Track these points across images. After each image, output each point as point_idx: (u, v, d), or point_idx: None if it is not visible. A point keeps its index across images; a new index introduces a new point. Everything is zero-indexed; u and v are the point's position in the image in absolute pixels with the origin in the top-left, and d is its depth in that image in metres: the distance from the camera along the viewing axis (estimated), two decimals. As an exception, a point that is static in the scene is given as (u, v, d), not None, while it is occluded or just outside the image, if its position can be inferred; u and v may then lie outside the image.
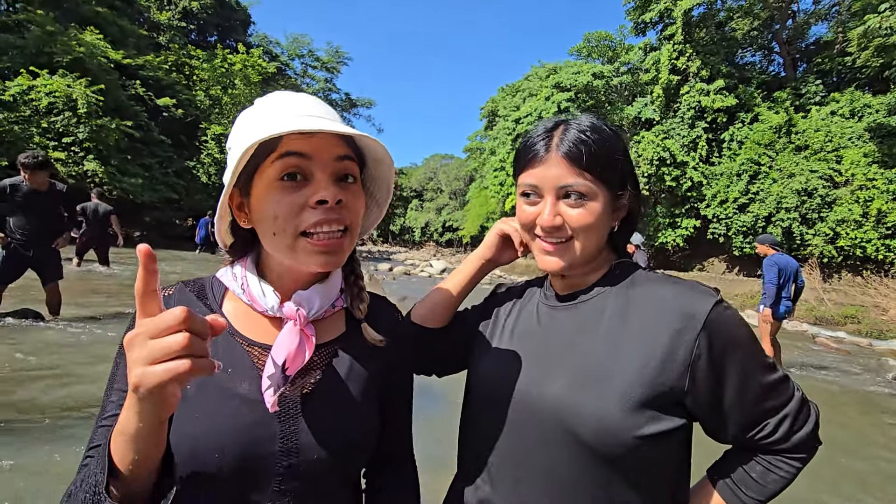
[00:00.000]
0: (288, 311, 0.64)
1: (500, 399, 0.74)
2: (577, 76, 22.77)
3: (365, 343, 0.71)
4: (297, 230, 0.61)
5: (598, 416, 0.63)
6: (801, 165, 15.87)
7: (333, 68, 33.22)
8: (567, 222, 0.71)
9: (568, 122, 0.74)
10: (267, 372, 0.61)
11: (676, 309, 0.66)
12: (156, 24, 23.03)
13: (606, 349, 0.68)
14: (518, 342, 0.78)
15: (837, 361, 7.08)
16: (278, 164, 0.60)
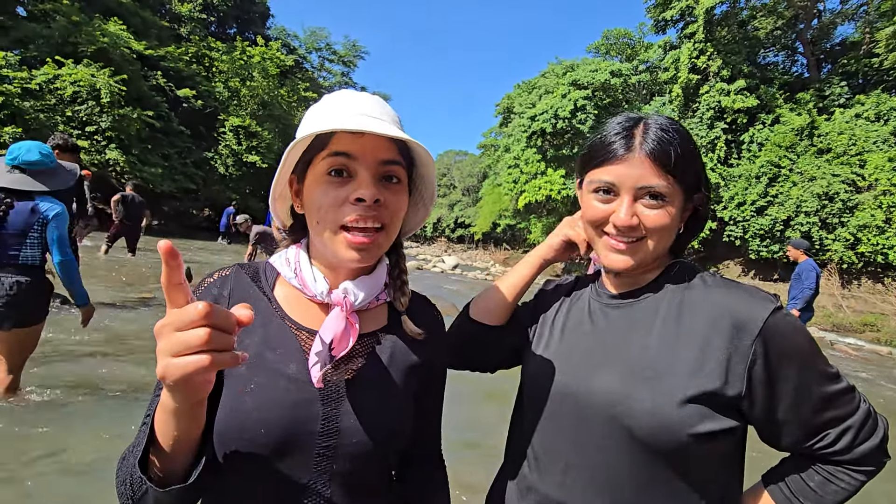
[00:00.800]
0: (335, 298, 0.67)
1: (551, 393, 0.75)
2: (595, 74, 22.54)
3: (405, 336, 0.74)
4: (337, 223, 0.64)
5: (651, 411, 0.63)
6: (822, 169, 15.57)
7: (350, 62, 33.30)
8: (643, 222, 0.70)
9: (647, 121, 0.73)
10: (315, 349, 0.64)
11: (733, 314, 0.66)
12: (177, 16, 23.29)
13: (660, 347, 0.68)
14: (570, 339, 0.79)
15: (859, 370, 6.98)
16: (328, 160, 0.64)
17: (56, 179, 2.68)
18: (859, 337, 10.87)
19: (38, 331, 2.68)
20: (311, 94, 27.08)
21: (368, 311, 0.73)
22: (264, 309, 0.69)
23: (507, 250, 36.02)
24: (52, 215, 2.57)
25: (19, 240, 2.52)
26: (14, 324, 2.52)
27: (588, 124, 22.40)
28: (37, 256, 2.59)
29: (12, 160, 2.55)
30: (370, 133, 0.63)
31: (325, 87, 32.45)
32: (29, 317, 2.58)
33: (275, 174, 0.68)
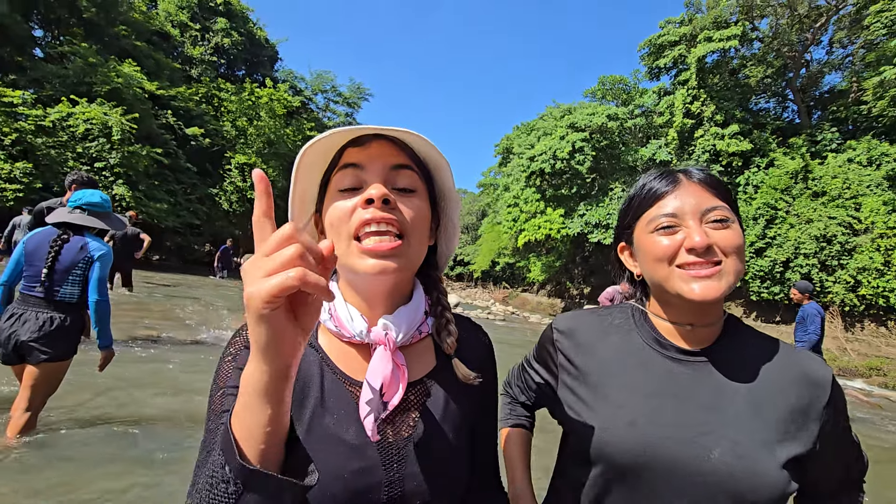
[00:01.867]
0: (376, 336, 0.63)
1: (646, 457, 0.69)
2: (592, 117, 23.22)
3: (456, 378, 0.68)
4: (350, 234, 0.61)
5: (766, 481, 0.65)
6: (818, 211, 15.81)
7: (355, 103, 34.33)
8: (716, 244, 0.68)
9: (681, 168, 0.76)
10: (364, 398, 0.58)
11: (804, 376, 0.70)
12: (189, 58, 24.19)
13: (752, 413, 0.69)
14: (652, 400, 0.73)
15: (868, 415, 6.85)
16: (338, 177, 0.64)
17: (112, 222, 2.83)
18: (866, 381, 10.71)
19: (65, 367, 2.71)
20: (316, 133, 27.81)
21: (413, 349, 0.68)
22: (315, 363, 0.64)
23: (506, 289, 35.94)
24: (98, 255, 2.66)
25: (64, 276, 2.60)
26: (45, 358, 2.55)
27: (586, 165, 22.89)
28: (75, 294, 2.66)
29: (75, 202, 2.72)
30: (375, 133, 0.63)
31: (329, 126, 33.32)
32: (60, 353, 2.62)
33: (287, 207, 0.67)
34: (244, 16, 26.96)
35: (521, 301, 29.03)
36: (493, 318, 17.16)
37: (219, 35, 25.63)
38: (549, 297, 28.52)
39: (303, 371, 0.62)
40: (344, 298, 0.67)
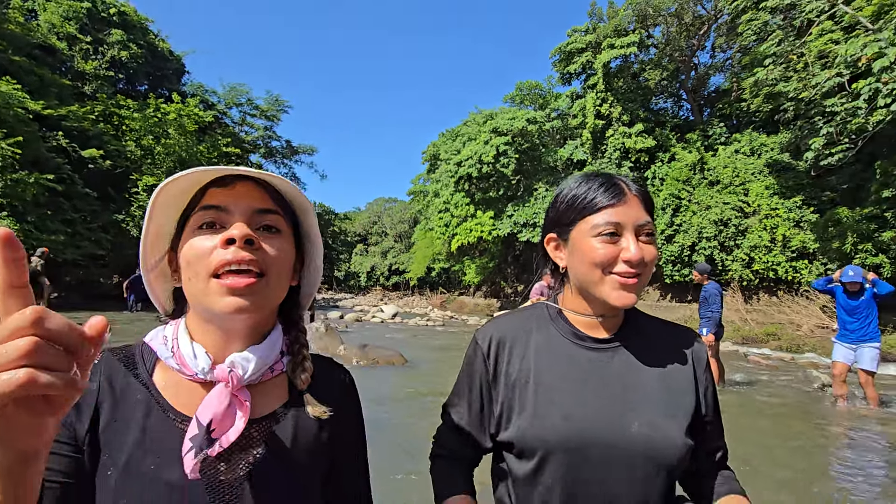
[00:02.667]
0: (219, 373, 0.59)
1: (574, 445, 0.77)
2: (513, 121, 24.17)
3: (308, 414, 0.66)
4: (209, 272, 0.58)
5: (675, 444, 0.77)
6: (715, 198, 17.57)
7: (273, 116, 33.02)
8: (644, 257, 0.77)
9: (619, 177, 0.84)
10: (189, 433, 0.55)
11: (690, 352, 0.85)
12: (80, 74, 22.03)
13: (659, 388, 0.81)
14: (574, 387, 0.81)
15: (770, 376, 7.72)
16: (198, 216, 0.62)
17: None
18: (765, 346, 12.05)
19: None
20: (234, 149, 26.37)
21: (263, 386, 0.65)
22: (142, 400, 0.59)
23: (443, 293, 36.24)
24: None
25: None
26: None
27: (510, 168, 23.75)
28: None
29: None
30: (241, 174, 0.61)
31: (247, 142, 31.75)
32: None
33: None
34: (143, 27, 25.07)
35: (459, 304, 29.41)
36: (433, 325, 17.23)
37: (114, 48, 23.58)
38: (485, 298, 29.15)
39: (123, 413, 0.58)
40: (192, 336, 0.62)
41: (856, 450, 4.19)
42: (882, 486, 3.42)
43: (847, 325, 5.36)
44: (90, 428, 0.56)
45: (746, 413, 5.40)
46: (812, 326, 13.39)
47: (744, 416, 5.31)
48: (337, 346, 8.14)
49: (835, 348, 5.63)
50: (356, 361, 7.45)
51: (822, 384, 6.45)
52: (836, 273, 5.53)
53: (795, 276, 15.21)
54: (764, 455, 4.04)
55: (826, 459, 3.98)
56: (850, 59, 10.56)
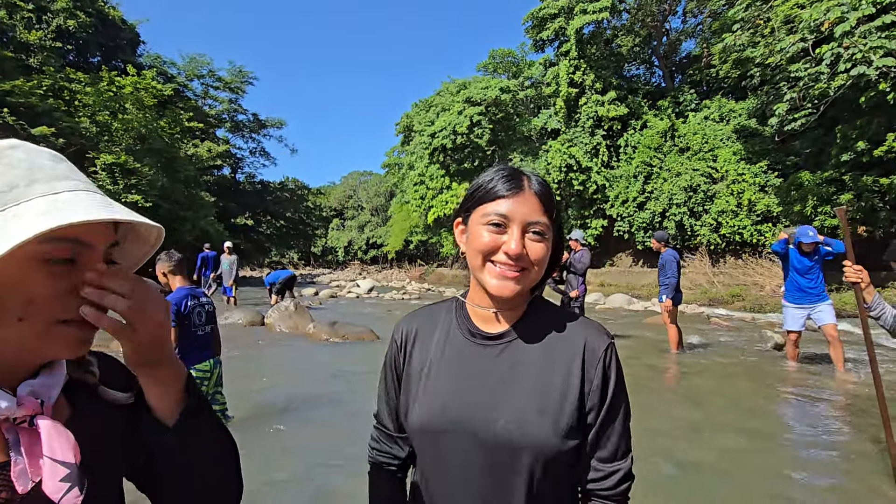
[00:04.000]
0: (30, 404, 0.52)
1: (451, 434, 0.80)
2: (486, 90, 23.79)
3: (100, 410, 0.61)
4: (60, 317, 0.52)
5: (534, 443, 0.76)
6: (685, 165, 17.81)
7: (238, 88, 31.67)
8: (529, 253, 0.79)
9: (527, 172, 0.84)
10: (55, 477, 0.49)
11: (583, 346, 0.82)
12: (24, 45, 20.59)
13: (540, 381, 0.80)
14: (458, 380, 0.84)
15: (728, 338, 8.03)
16: (40, 247, 0.51)
17: None
18: (729, 308, 12.50)
19: None
20: (197, 123, 25.33)
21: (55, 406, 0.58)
22: None
23: (421, 266, 36.30)
24: None
25: None
26: None
27: (485, 138, 23.52)
28: None
29: None
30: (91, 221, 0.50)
31: (211, 115, 30.52)
32: None
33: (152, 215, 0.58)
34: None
35: (437, 276, 29.55)
36: (409, 298, 17.30)
37: (60, 16, 22.05)
38: (464, 269, 29.20)
39: None
40: None
41: (800, 410, 4.41)
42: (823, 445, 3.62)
43: (802, 286, 5.48)
44: None
45: (700, 374, 5.63)
46: (774, 287, 13.91)
47: (697, 376, 5.54)
48: (306, 324, 8.10)
49: (786, 314, 5.71)
50: (326, 338, 7.44)
51: (776, 344, 6.74)
52: (783, 233, 5.64)
53: (760, 239, 15.70)
54: (711, 417, 4.23)
55: (772, 420, 4.19)
56: (814, 23, 10.63)
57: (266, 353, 6.78)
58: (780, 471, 3.05)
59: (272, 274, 12.40)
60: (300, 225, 37.84)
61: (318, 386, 5.01)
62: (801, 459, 3.27)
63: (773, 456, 3.31)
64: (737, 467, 3.11)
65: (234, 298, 11.48)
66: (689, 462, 3.17)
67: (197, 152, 25.45)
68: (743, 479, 2.94)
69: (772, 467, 3.10)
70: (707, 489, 2.83)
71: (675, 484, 2.90)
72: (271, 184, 35.63)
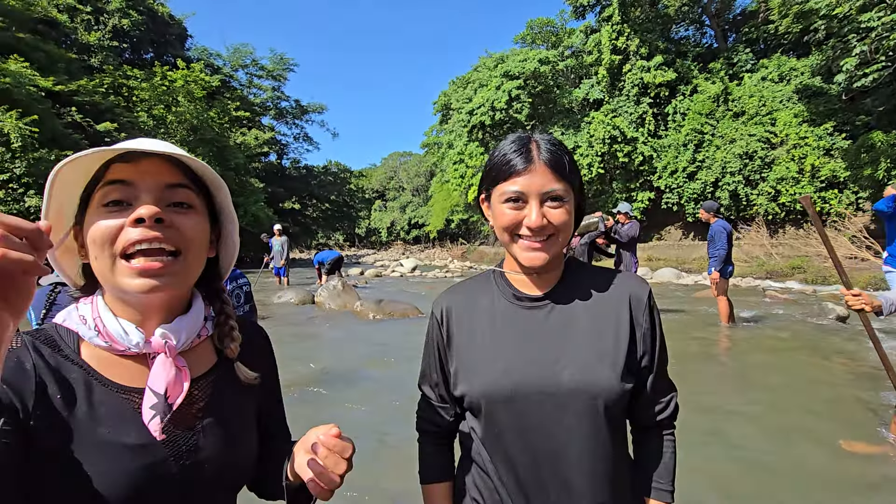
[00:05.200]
0: (156, 345, 0.62)
1: (519, 397, 0.84)
2: (524, 63, 23.16)
3: (236, 374, 0.72)
4: (116, 252, 0.59)
5: (610, 386, 0.83)
6: (740, 131, 16.77)
7: (280, 76, 32.47)
8: (551, 221, 0.83)
9: (536, 139, 0.87)
10: (148, 403, 0.60)
11: (628, 296, 0.89)
12: (85, 46, 21.94)
13: (591, 335, 0.86)
14: (514, 344, 0.88)
15: (785, 311, 7.66)
16: (102, 192, 0.61)
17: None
18: (790, 280, 11.84)
19: None
20: (244, 112, 26.23)
21: (193, 351, 0.69)
22: (79, 378, 0.61)
23: (463, 244, 36.41)
24: None
25: None
26: None
27: (524, 113, 23.01)
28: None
29: None
30: (144, 151, 0.60)
31: (256, 104, 31.50)
32: None
33: None
34: (140, -9, 24.53)
35: (479, 254, 29.57)
36: (452, 276, 17.49)
37: (115, 16, 23.26)
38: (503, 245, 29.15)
39: (62, 390, 0.60)
40: (114, 313, 0.64)
41: (858, 384, 4.21)
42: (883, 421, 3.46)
43: None
44: (35, 404, 0.57)
45: (751, 347, 5.44)
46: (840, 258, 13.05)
47: (748, 349, 5.35)
48: (354, 302, 8.42)
49: (891, 280, 4.85)
50: (372, 316, 7.72)
51: (838, 316, 6.37)
52: (891, 189, 4.79)
53: (824, 206, 14.65)
54: (760, 390, 4.11)
55: (824, 395, 4.02)
56: (890, -36, 9.61)
57: (316, 330, 7.14)
58: (831, 444, 2.97)
59: (320, 254, 12.87)
60: (344, 207, 38.79)
61: (364, 360, 5.25)
62: (854, 435, 3.15)
63: (822, 433, 3.21)
64: (785, 444, 3.04)
65: (286, 279, 12.04)
66: (738, 436, 3.14)
67: (245, 140, 26.45)
68: (793, 456, 2.89)
69: (822, 442, 3.02)
70: (755, 465, 2.80)
71: (722, 460, 2.89)
72: (315, 168, 36.58)
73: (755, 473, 2.65)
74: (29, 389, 0.57)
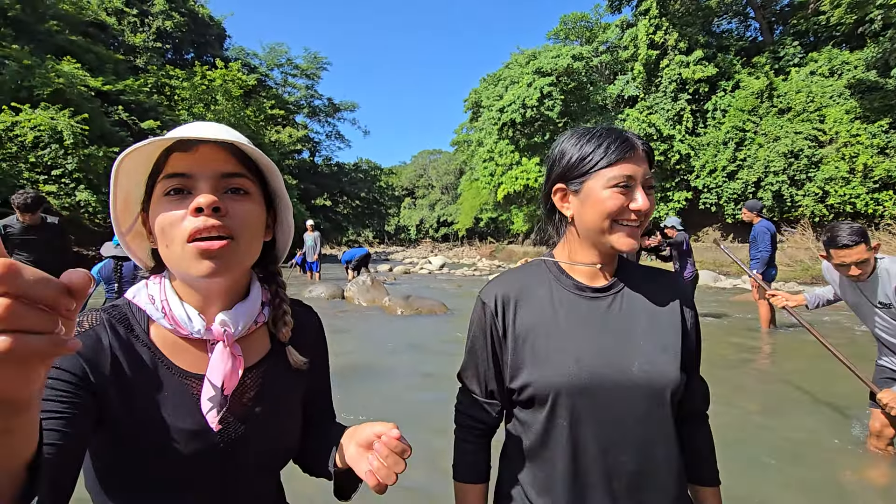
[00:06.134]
0: (216, 333, 0.66)
1: (586, 389, 0.83)
2: (557, 60, 22.79)
3: (291, 362, 0.75)
4: (183, 239, 0.62)
5: (670, 378, 0.85)
6: (785, 128, 16.00)
7: (313, 74, 33.09)
8: (649, 207, 0.86)
9: (626, 132, 0.89)
10: (206, 395, 0.64)
11: (672, 289, 0.94)
12: (132, 48, 22.94)
13: (652, 327, 0.89)
14: (583, 336, 0.86)
15: (832, 317, 7.26)
16: (163, 183, 0.64)
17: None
18: (837, 286, 11.22)
19: None
20: (278, 111, 26.84)
21: (249, 337, 0.72)
22: (147, 358, 0.65)
23: (492, 243, 36.24)
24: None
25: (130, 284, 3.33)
26: None
27: (556, 110, 22.66)
28: None
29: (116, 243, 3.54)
30: (200, 140, 0.62)
31: (290, 103, 32.20)
32: None
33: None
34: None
35: (508, 253, 29.36)
36: (480, 274, 17.42)
37: (159, 18, 24.20)
38: (535, 246, 28.85)
39: (133, 367, 0.64)
40: (179, 298, 0.67)
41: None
42: None
43: None
44: (110, 380, 0.61)
45: (792, 354, 5.17)
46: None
47: (789, 356, 5.09)
48: (382, 298, 8.49)
49: None
50: (400, 311, 7.75)
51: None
52: None
53: (877, 209, 13.83)
54: (799, 397, 3.91)
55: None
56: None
57: (345, 324, 7.23)
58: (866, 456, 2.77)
59: (348, 252, 13.08)
60: (374, 204, 39.24)
61: (390, 354, 5.28)
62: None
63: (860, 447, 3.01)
64: (823, 453, 2.87)
65: (318, 274, 12.27)
66: (778, 443, 2.98)
67: (279, 138, 27.10)
68: (831, 466, 2.72)
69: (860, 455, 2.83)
70: (798, 474, 2.65)
71: (763, 468, 2.75)
72: (346, 165, 37.13)
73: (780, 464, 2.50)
74: (105, 365, 0.62)
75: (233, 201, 0.65)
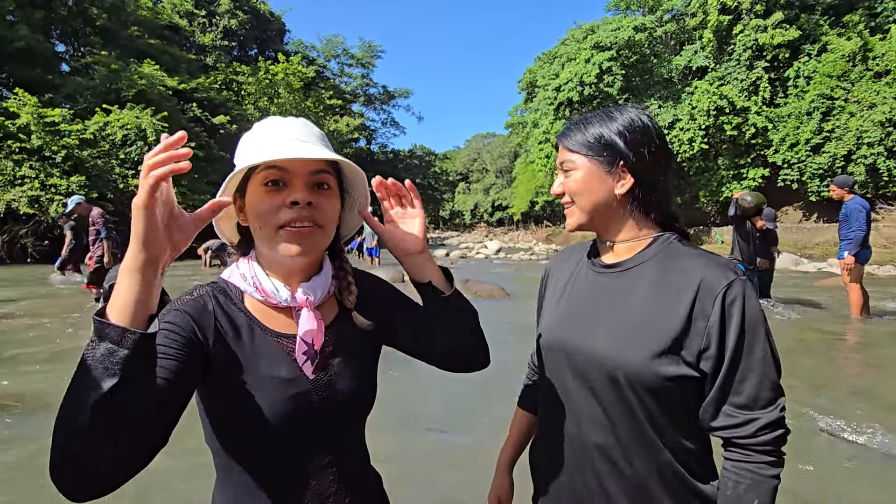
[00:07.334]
0: (301, 300, 0.78)
1: (558, 350, 0.92)
2: (617, 32, 21.65)
3: (357, 324, 0.87)
4: (277, 225, 0.73)
5: (634, 364, 0.79)
6: (882, 93, 14.34)
7: (368, 63, 33.63)
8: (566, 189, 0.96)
9: None
10: (300, 350, 0.77)
11: (702, 279, 0.78)
12: (202, 47, 24.40)
13: (642, 309, 0.82)
14: (573, 302, 0.95)
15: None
16: (264, 173, 0.74)
17: None
18: (944, 270, 10.04)
19: None
20: (336, 101, 27.60)
21: (322, 305, 0.84)
22: (246, 323, 0.78)
23: (548, 227, 35.52)
24: None
25: None
26: None
27: (616, 86, 21.62)
28: None
29: None
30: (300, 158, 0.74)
31: (347, 92, 32.98)
32: None
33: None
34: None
35: (566, 237, 28.68)
36: (537, 259, 17.18)
37: (225, 17, 25.52)
38: (592, 230, 27.96)
39: (234, 330, 0.77)
40: (266, 273, 0.80)
41: None
42: None
43: None
44: (214, 339, 0.74)
45: (889, 344, 4.71)
46: None
47: (884, 346, 4.64)
48: (442, 282, 8.62)
49: None
50: (460, 296, 7.85)
51: None
52: None
53: None
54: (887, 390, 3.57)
55: None
56: None
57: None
58: None
59: None
60: (429, 190, 39.62)
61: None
62: None
63: None
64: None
65: (377, 259, 12.67)
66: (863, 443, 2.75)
67: (338, 127, 27.92)
68: None
69: None
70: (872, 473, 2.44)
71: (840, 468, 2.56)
72: (401, 152, 37.69)
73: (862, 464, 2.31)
74: (210, 327, 0.74)
75: (319, 195, 0.76)
